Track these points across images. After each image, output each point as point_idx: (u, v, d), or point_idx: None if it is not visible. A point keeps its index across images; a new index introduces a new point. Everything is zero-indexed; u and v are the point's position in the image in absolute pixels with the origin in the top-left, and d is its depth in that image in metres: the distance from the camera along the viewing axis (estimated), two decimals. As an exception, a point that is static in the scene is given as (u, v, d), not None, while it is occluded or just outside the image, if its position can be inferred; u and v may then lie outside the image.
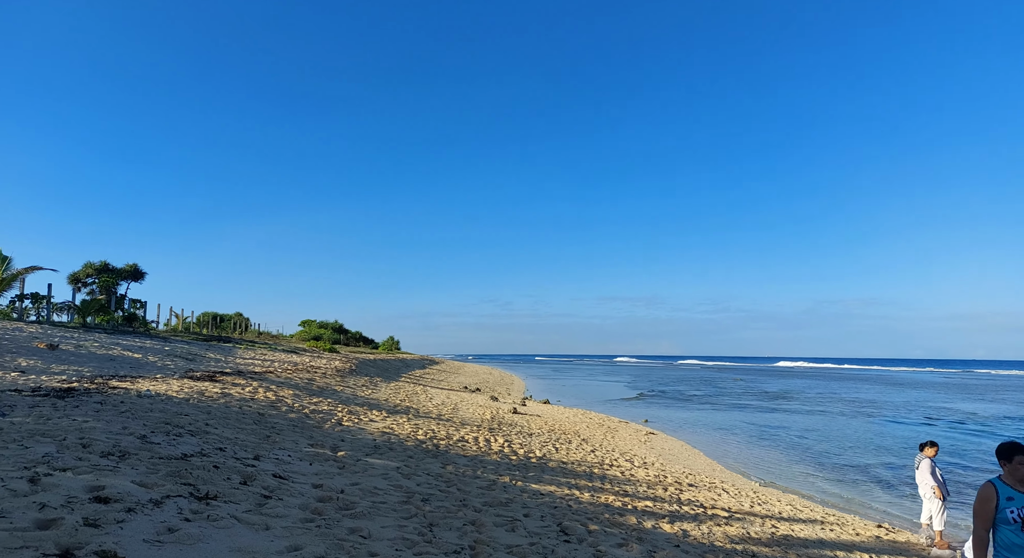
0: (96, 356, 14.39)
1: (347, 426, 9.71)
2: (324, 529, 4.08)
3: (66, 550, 3.03)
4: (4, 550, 2.88)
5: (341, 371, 22.10)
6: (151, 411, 7.50)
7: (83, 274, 34.02)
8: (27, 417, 6.21)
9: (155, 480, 4.49)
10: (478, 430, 11.84)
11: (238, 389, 11.12)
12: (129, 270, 34.99)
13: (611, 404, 28.51)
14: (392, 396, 16.97)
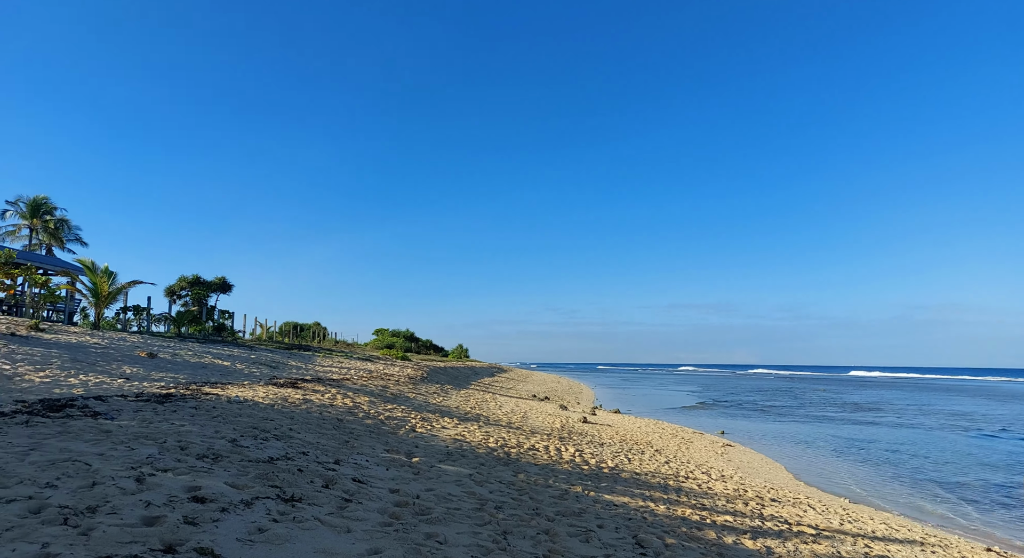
0: (190, 364, 15.40)
1: (420, 433, 9.93)
2: (402, 533, 4.19)
3: (169, 546, 3.25)
4: (116, 544, 3.12)
5: (413, 378, 22.63)
6: (240, 416, 7.94)
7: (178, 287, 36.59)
8: (132, 421, 6.72)
9: (245, 482, 4.75)
10: (548, 439, 11.81)
11: (318, 395, 11.60)
12: (218, 283, 37.34)
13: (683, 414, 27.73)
14: (462, 403, 17.21)
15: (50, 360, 11.72)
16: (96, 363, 12.52)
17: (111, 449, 5.12)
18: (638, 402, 34.37)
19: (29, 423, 5.91)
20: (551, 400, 27.02)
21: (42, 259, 30.63)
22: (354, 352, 38.29)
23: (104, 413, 6.91)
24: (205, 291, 36.08)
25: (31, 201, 41.04)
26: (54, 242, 42.44)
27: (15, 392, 8.22)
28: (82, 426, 5.97)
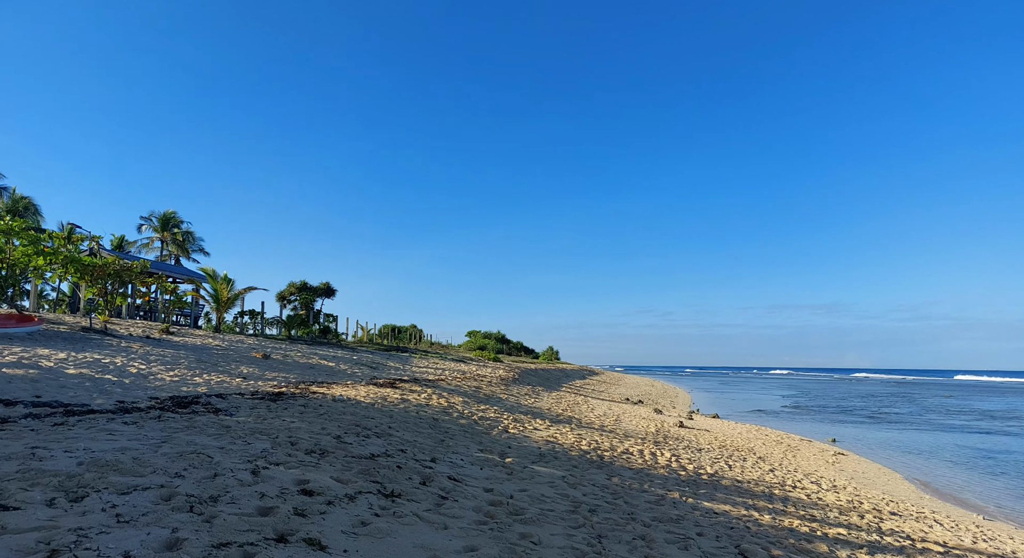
0: (299, 364, 16.42)
1: (513, 433, 10.00)
2: (497, 532, 4.22)
3: (281, 535, 3.46)
4: (235, 532, 3.36)
5: (505, 380, 22.88)
6: (344, 414, 8.35)
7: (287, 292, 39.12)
8: (248, 417, 7.25)
9: (349, 477, 4.98)
10: (643, 443, 11.53)
11: (415, 395, 12.00)
12: (323, 288, 39.54)
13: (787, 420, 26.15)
14: (554, 406, 17.18)
15: (179, 361, 12.89)
16: (217, 364, 13.63)
17: (230, 443, 5.54)
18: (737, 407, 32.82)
19: (161, 418, 6.52)
20: (644, 404, 26.40)
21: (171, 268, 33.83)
22: (448, 353, 39.32)
23: (224, 410, 7.50)
24: (311, 296, 38.32)
25: (162, 216, 45.51)
26: (181, 252, 46.79)
27: (150, 390, 9.11)
28: (206, 421, 6.51)
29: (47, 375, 8.72)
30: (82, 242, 25.21)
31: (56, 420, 5.80)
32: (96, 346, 13.21)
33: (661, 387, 49.29)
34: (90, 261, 18.70)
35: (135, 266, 19.77)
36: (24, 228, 17.80)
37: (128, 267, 19.50)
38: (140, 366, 11.12)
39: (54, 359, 10.17)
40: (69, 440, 4.91)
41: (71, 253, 18.39)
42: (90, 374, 9.41)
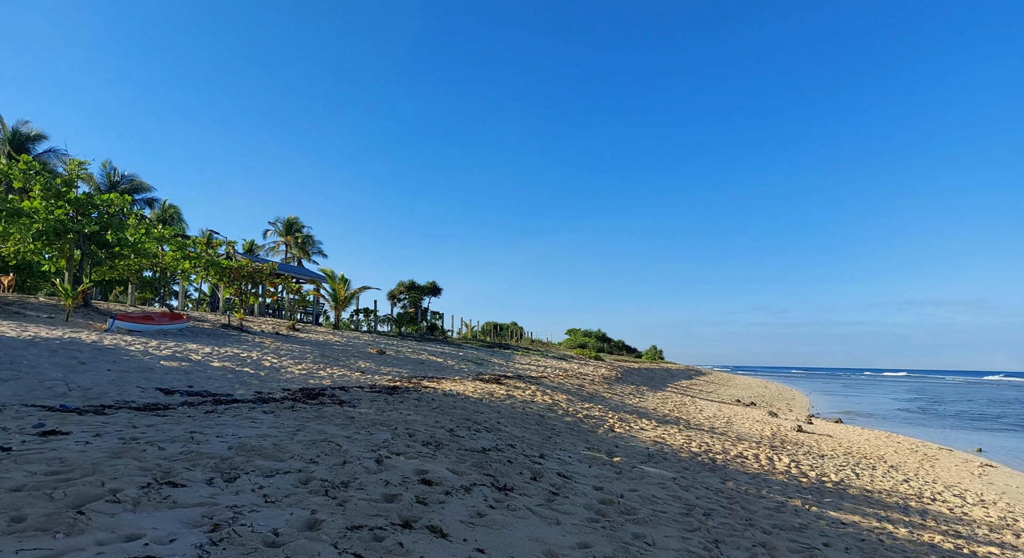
0: (410, 360, 17.21)
1: (619, 433, 9.91)
2: (609, 531, 4.22)
3: (406, 522, 3.67)
4: (365, 516, 3.60)
5: (607, 379, 22.66)
6: (454, 408, 8.67)
7: (397, 291, 41.08)
8: (369, 409, 7.72)
9: (463, 469, 5.18)
10: (758, 447, 10.99)
11: (519, 391, 12.20)
12: (429, 287, 41.16)
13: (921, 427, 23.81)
14: (660, 406, 16.78)
15: (305, 355, 13.94)
16: (338, 358, 14.60)
17: (355, 433, 5.94)
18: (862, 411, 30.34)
19: (294, 408, 7.11)
20: (758, 406, 25.11)
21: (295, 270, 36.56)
22: (549, 351, 39.53)
23: (348, 402, 8.03)
24: (419, 294, 40.01)
25: (285, 221, 49.30)
26: (302, 255, 50.42)
27: (282, 381, 9.93)
28: (332, 412, 7.02)
29: (196, 367, 9.75)
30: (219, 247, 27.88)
31: (207, 408, 6.50)
32: (234, 342, 14.58)
33: (775, 388, 46.59)
34: (227, 264, 20.68)
35: (265, 268, 21.60)
36: (173, 235, 20.02)
37: (259, 269, 21.34)
38: (272, 360, 12.15)
39: (201, 353, 11.35)
40: (219, 426, 5.49)
41: (211, 257, 20.42)
42: (231, 367, 10.42)
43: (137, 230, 17.52)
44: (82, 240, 15.63)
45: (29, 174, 14.79)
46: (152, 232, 18.29)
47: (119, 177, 32.20)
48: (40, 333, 10.18)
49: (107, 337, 11.24)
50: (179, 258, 19.55)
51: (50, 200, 14.56)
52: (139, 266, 18.69)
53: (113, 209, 16.12)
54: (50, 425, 4.81)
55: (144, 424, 5.25)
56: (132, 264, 17.97)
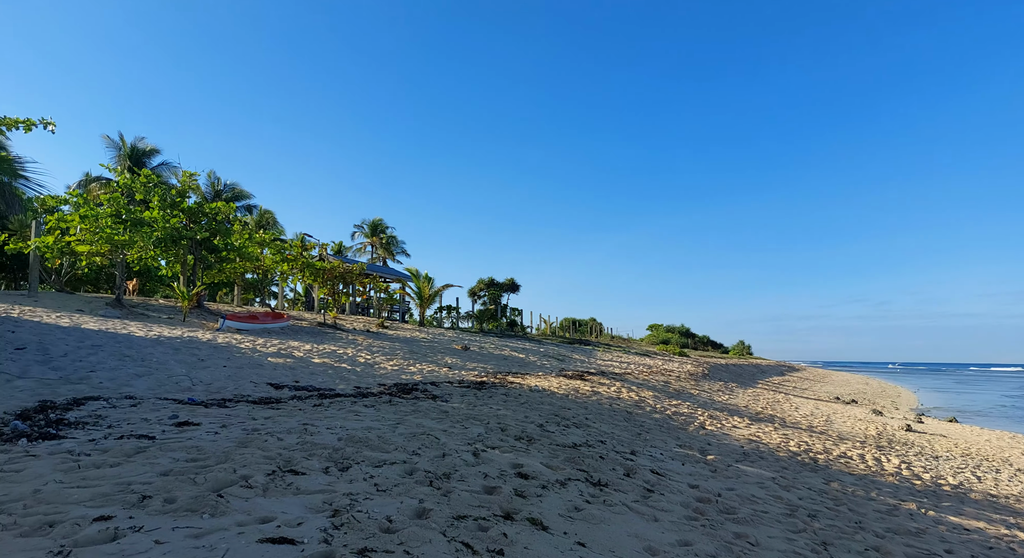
0: (493, 356, 17.51)
1: (710, 430, 9.66)
2: (709, 529, 4.16)
3: (507, 513, 3.79)
4: (469, 507, 3.75)
5: (694, 375, 22.08)
6: (542, 404, 8.77)
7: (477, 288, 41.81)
8: (461, 403, 7.95)
9: (557, 464, 5.25)
10: (862, 447, 10.38)
11: (604, 388, 12.15)
12: (508, 283, 41.60)
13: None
14: (751, 403, 16.17)
15: (395, 352, 14.52)
16: (426, 354, 15.09)
17: (451, 427, 6.16)
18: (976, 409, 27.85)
19: (392, 402, 7.45)
20: (859, 404, 23.64)
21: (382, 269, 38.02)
22: (630, 347, 38.95)
23: (440, 396, 8.32)
24: (498, 291, 40.53)
25: (371, 223, 51.33)
26: (387, 254, 52.32)
27: (377, 377, 10.41)
28: (427, 406, 7.30)
29: (300, 364, 10.40)
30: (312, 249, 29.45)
31: (314, 402, 6.94)
32: (331, 339, 15.40)
33: (877, 385, 43.64)
34: (321, 266, 21.82)
35: (355, 268, 22.61)
36: (272, 239, 21.35)
37: (350, 270, 22.37)
38: (366, 356, 12.74)
39: (303, 350, 12.08)
40: (328, 419, 5.86)
41: (307, 259, 21.61)
42: (330, 363, 11.03)
43: (241, 235, 18.84)
44: (194, 246, 17.00)
45: (149, 186, 16.26)
46: (254, 237, 19.60)
47: (222, 186, 34.68)
48: (163, 333, 11.19)
49: (219, 336, 12.19)
50: (278, 260, 20.82)
51: (167, 210, 15.94)
52: (243, 269, 20.09)
53: (220, 216, 17.42)
54: (182, 417, 5.31)
55: (262, 416, 5.68)
56: (237, 267, 19.35)
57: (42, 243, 14.64)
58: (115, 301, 15.37)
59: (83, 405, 5.51)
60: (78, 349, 8.28)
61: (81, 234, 14.98)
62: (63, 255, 16.29)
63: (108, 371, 7.33)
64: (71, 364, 7.37)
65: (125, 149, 30.17)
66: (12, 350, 7.52)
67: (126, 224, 15.30)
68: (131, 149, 30.20)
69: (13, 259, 21.97)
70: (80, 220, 14.77)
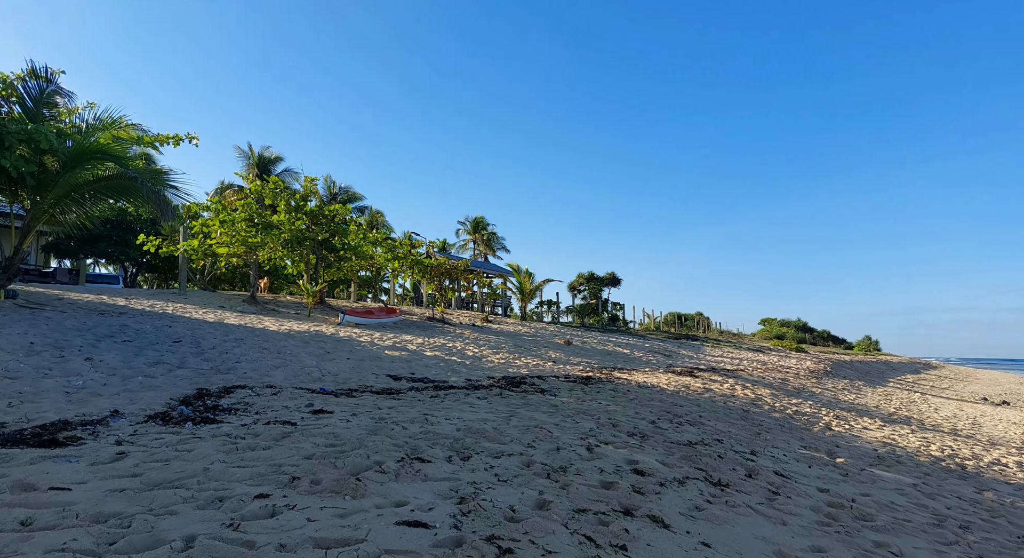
0: (597, 351, 17.40)
1: (838, 431, 9.04)
2: (844, 536, 3.91)
3: (626, 509, 3.77)
4: (588, 501, 3.77)
5: (814, 372, 20.70)
6: (652, 400, 8.61)
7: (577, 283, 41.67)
8: (569, 398, 7.99)
9: (673, 461, 5.15)
10: (1019, 453, 9.27)
11: (716, 385, 11.70)
12: (609, 277, 41.08)
13: None
14: (883, 403, 14.91)
15: (500, 345, 14.82)
16: (530, 348, 15.29)
17: (562, 421, 6.21)
18: None
19: (502, 395, 7.63)
20: (1013, 406, 21.08)
21: (484, 265, 38.88)
22: (741, 342, 37.17)
23: (548, 390, 8.40)
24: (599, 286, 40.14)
25: (473, 220, 52.64)
26: (488, 251, 53.41)
27: (485, 370, 10.69)
28: (537, 400, 7.40)
29: (414, 356, 10.90)
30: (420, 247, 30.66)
31: (431, 393, 7.26)
32: (439, 333, 15.99)
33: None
34: (428, 263, 22.70)
35: (460, 265, 23.32)
36: (383, 238, 22.48)
37: (455, 266, 23.10)
38: (474, 350, 13.12)
39: (415, 343, 12.65)
40: (445, 410, 6.11)
41: (415, 256, 22.57)
42: (441, 356, 11.47)
43: (356, 235, 19.99)
44: (316, 246, 18.28)
45: (276, 192, 17.69)
46: (368, 236, 20.74)
47: (337, 189, 36.93)
48: (293, 327, 12.14)
49: (341, 330, 13.05)
50: (389, 258, 21.92)
51: (291, 213, 17.26)
52: (359, 267, 21.33)
53: (338, 218, 18.60)
54: (317, 405, 5.75)
55: (386, 406, 6.03)
56: (354, 265, 20.57)
57: (189, 246, 16.38)
58: (250, 298, 16.89)
59: (232, 393, 6.12)
60: (224, 342, 9.20)
61: (221, 237, 16.59)
62: (206, 256, 18.11)
63: (250, 362, 8.08)
64: (219, 356, 8.20)
65: (253, 158, 32.94)
66: (171, 343, 8.49)
67: (258, 227, 16.74)
68: (258, 157, 32.93)
69: (164, 261, 24.75)
70: (219, 225, 16.36)
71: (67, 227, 11.64)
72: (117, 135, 10.78)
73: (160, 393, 5.84)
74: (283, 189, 18.08)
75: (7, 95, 10.06)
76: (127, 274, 26.81)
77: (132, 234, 22.02)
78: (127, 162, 10.24)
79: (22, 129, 8.86)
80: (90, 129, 10.59)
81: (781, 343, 39.49)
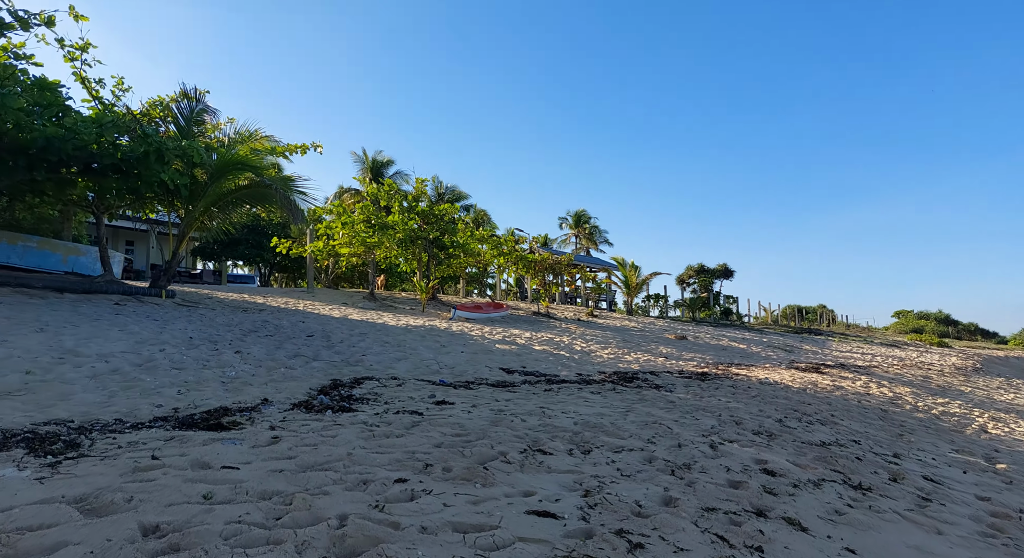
0: (711, 346, 16.75)
1: (995, 434, 8.10)
2: (1014, 549, 3.52)
3: (759, 510, 3.61)
4: (715, 499, 3.65)
5: (961, 369, 18.65)
6: (775, 397, 8.17)
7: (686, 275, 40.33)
8: (686, 394, 7.77)
9: (805, 462, 4.86)
10: None
11: (848, 382, 10.88)
12: (720, 269, 39.41)
13: None
14: (1048, 404, 13.15)
15: (608, 340, 14.68)
16: (639, 343, 15.01)
17: (681, 417, 6.06)
18: None
19: (615, 390, 7.56)
20: None
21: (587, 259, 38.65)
22: (872, 337, 34.22)
23: (663, 386, 8.22)
24: (709, 278, 38.62)
25: (575, 214, 52.42)
26: (590, 244, 52.96)
27: (594, 365, 10.64)
28: (653, 396, 7.27)
29: (523, 350, 11.08)
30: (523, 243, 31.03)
31: (544, 387, 7.35)
32: (545, 327, 16.12)
33: None
34: (532, 258, 22.93)
35: (564, 259, 23.34)
36: (489, 236, 22.99)
37: (559, 261, 23.15)
38: (581, 344, 13.10)
39: (523, 338, 12.84)
40: (560, 403, 6.17)
41: (520, 252, 22.88)
42: (550, 350, 11.56)
43: (464, 233, 20.62)
44: (427, 244, 19.06)
45: (390, 194, 18.65)
46: (475, 234, 21.32)
47: (444, 189, 38.22)
48: (409, 322, 12.75)
49: (453, 324, 13.52)
50: (495, 255, 22.39)
51: (404, 213, 18.12)
52: (466, 263, 21.98)
53: (447, 217, 19.27)
54: (439, 396, 6.01)
55: (503, 398, 6.19)
56: (462, 262, 21.24)
57: (315, 247, 17.67)
58: (369, 295, 17.94)
59: (362, 383, 6.55)
60: (350, 336, 9.85)
61: (342, 238, 17.75)
62: (330, 257, 19.46)
63: (375, 355, 8.60)
64: (348, 349, 8.80)
65: (367, 162, 34.89)
66: (305, 337, 9.22)
67: (374, 228, 17.73)
68: (372, 162, 34.83)
69: (293, 261, 26.88)
70: (341, 226, 17.50)
71: (212, 232, 12.98)
72: (253, 147, 11.86)
73: (300, 383, 6.37)
74: (396, 191, 19.00)
75: (164, 116, 11.36)
76: (261, 274, 29.41)
77: (265, 238, 24.13)
78: (262, 171, 11.23)
79: (178, 146, 9.98)
80: (231, 142, 11.73)
81: (919, 337, 35.91)
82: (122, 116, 10.45)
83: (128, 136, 10.10)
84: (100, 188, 10.85)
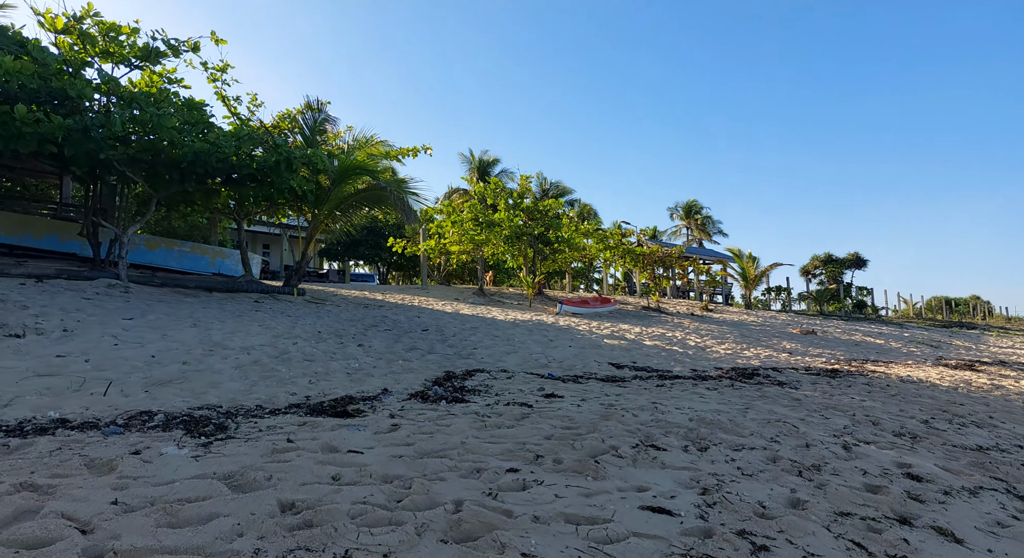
0: (841, 341, 15.46)
1: None
2: None
3: (903, 518, 3.27)
4: (850, 503, 3.34)
5: None
6: (919, 397, 7.39)
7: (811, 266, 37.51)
8: (813, 391, 7.23)
9: (958, 468, 4.34)
10: None
11: (1010, 381, 9.58)
12: (851, 259, 36.26)
13: None
14: None
15: (725, 335, 14.00)
16: (759, 338, 14.17)
17: (807, 416, 5.64)
18: None
19: (733, 386, 7.19)
20: None
21: (700, 251, 37.10)
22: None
23: (786, 383, 7.70)
24: (839, 268, 35.66)
25: (685, 205, 50.58)
26: (703, 236, 50.81)
27: (710, 360, 10.18)
28: (775, 393, 6.83)
29: (633, 345, 10.84)
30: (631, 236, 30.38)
31: (655, 382, 7.14)
32: (657, 322, 15.67)
33: None
34: (640, 251, 22.38)
35: (674, 252, 22.56)
36: (594, 230, 22.74)
37: (669, 253, 22.41)
38: (696, 339, 12.59)
39: (633, 332, 12.57)
40: (674, 399, 5.96)
41: (627, 246, 22.41)
42: (661, 345, 11.22)
43: (569, 228, 20.55)
44: (533, 240, 19.21)
45: (497, 192, 19.00)
46: (580, 229, 21.18)
47: (548, 185, 38.34)
48: (517, 317, 12.92)
49: (560, 319, 13.52)
50: (601, 249, 22.10)
51: (510, 211, 18.37)
52: (572, 258, 21.90)
53: (551, 213, 19.31)
54: (548, 389, 6.03)
55: (613, 393, 6.09)
56: (568, 257, 21.19)
57: (427, 246, 18.39)
58: (478, 290, 18.40)
59: (473, 376, 6.72)
60: (462, 330, 10.15)
61: (452, 237, 18.34)
62: (441, 255, 20.19)
63: (485, 349, 8.80)
64: (460, 342, 9.07)
65: (474, 162, 35.79)
66: (420, 331, 9.62)
67: (482, 225, 18.14)
68: (479, 161, 35.68)
69: (408, 260, 28.20)
70: (451, 225, 18.09)
71: (335, 234, 13.92)
72: (370, 152, 12.56)
73: (417, 375, 6.65)
74: (501, 189, 19.32)
75: (292, 127, 12.34)
76: (380, 272, 31.13)
77: (382, 238, 25.49)
78: (379, 175, 11.87)
79: (304, 154, 10.79)
80: (350, 149, 12.51)
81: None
82: (256, 129, 11.47)
83: (261, 147, 11.09)
84: (240, 196, 12.01)
